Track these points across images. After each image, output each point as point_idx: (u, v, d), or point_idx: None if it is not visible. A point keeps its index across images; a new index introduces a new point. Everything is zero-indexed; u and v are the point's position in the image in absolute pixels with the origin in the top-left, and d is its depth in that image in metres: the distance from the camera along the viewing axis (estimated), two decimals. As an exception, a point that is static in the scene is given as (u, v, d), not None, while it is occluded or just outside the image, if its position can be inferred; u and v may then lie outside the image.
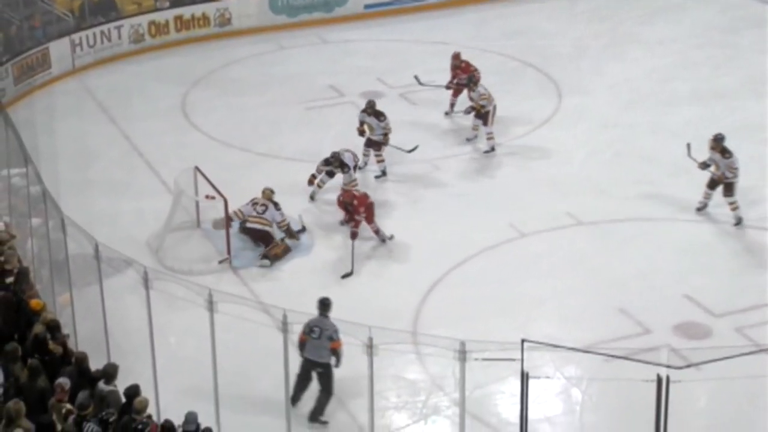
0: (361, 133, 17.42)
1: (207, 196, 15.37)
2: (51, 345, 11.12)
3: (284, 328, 10.00)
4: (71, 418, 9.97)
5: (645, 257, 14.99)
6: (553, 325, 13.44)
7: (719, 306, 13.79)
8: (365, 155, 17.48)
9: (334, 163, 16.31)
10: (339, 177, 16.48)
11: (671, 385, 8.52)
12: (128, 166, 18.25)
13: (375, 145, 17.40)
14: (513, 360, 8.80)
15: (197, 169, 15.61)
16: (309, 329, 11.65)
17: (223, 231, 15.13)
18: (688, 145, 15.90)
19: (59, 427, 9.93)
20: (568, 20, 24.35)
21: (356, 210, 15.04)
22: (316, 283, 14.47)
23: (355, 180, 16.30)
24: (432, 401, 12.34)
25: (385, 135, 17.35)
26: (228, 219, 15.08)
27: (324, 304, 11.86)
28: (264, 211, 15.31)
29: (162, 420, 10.37)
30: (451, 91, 19.52)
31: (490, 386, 12.16)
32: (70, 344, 11.79)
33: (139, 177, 17.86)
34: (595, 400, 12.32)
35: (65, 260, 12.38)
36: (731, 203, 15.63)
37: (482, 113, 18.13)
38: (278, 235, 15.38)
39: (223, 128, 19.58)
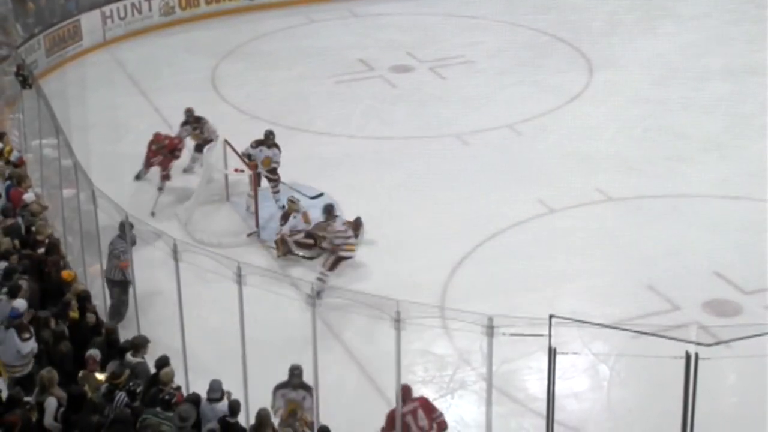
0: (255, 167, 15.26)
1: (236, 170, 15.41)
2: (72, 313, 11.25)
3: (312, 301, 10.02)
4: (103, 387, 10.07)
5: (675, 234, 14.89)
6: (581, 301, 13.39)
7: (749, 283, 13.69)
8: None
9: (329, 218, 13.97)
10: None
11: (700, 362, 8.46)
12: (158, 139, 18.32)
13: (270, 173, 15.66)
14: (541, 335, 8.78)
15: (226, 141, 15.65)
16: (111, 246, 12.70)
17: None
18: None
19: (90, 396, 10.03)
20: (600, -6, 24.16)
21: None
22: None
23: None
24: (459, 376, 12.36)
25: (274, 169, 15.68)
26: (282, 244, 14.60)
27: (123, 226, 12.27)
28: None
29: (191, 391, 10.44)
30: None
31: (517, 361, 12.16)
32: (100, 315, 11.89)
33: (169, 149, 17.91)
34: (622, 376, 12.29)
35: (96, 232, 12.46)
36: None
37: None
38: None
39: (252, 101, 19.61)
